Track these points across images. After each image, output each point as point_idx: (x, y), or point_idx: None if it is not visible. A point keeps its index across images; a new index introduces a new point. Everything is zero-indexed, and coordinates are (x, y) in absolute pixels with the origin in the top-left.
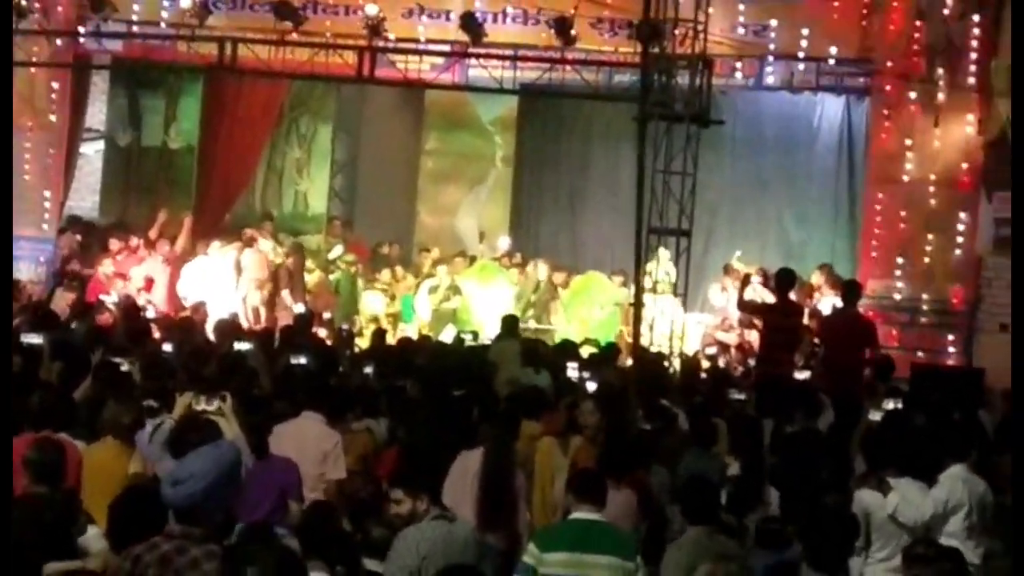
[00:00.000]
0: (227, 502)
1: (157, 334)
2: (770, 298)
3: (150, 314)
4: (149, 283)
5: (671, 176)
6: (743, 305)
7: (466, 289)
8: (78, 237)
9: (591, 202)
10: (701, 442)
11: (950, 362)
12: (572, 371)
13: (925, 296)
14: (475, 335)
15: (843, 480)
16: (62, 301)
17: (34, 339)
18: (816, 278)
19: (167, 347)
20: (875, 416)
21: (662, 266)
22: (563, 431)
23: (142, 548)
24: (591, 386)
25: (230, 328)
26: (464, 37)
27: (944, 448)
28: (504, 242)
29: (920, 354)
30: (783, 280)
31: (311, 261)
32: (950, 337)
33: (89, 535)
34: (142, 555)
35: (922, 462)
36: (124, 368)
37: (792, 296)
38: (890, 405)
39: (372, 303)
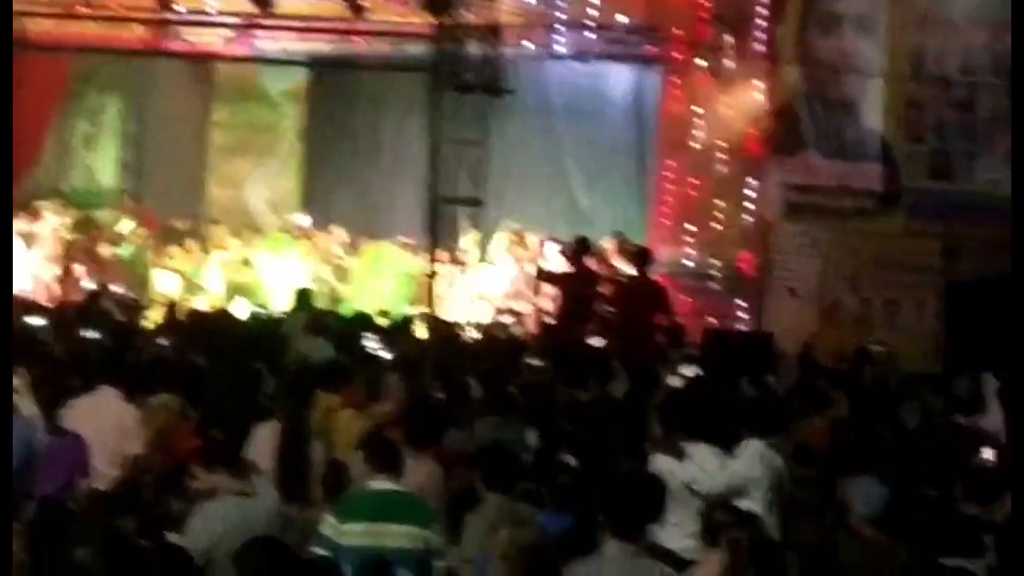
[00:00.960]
0: (22, 478)
1: None
2: (565, 267)
3: None
4: None
5: (463, 146)
6: (540, 274)
7: (257, 262)
8: None
9: (383, 173)
10: (498, 410)
11: (741, 328)
12: (369, 342)
13: (715, 262)
14: (266, 308)
15: (639, 446)
16: None
17: None
18: (608, 246)
19: None
20: (673, 382)
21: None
22: (362, 402)
23: None
24: (388, 357)
25: (21, 304)
26: (253, 9)
27: (741, 418)
28: (302, 219)
29: (711, 320)
30: (578, 249)
31: (101, 235)
32: (740, 303)
33: None
34: None
35: (719, 429)
36: None
37: (588, 264)
38: (688, 371)
39: (165, 283)
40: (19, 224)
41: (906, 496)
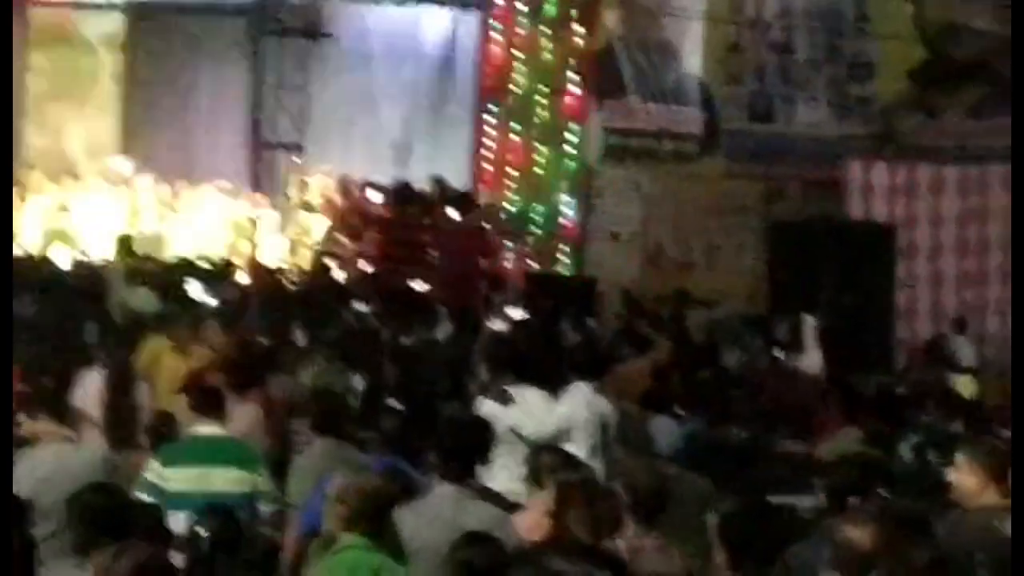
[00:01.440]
0: None
1: None
2: (387, 212)
3: None
4: None
5: (284, 91)
6: (361, 218)
7: (74, 208)
8: None
9: (204, 118)
10: (326, 355)
11: (562, 271)
12: (191, 288)
13: (537, 207)
14: (84, 254)
15: (464, 390)
16: None
17: None
18: (430, 191)
19: None
20: (497, 325)
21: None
22: (187, 346)
23: None
24: (210, 303)
25: None
26: None
27: (565, 361)
28: (123, 165)
29: (533, 264)
30: (400, 193)
31: None
32: (562, 247)
33: None
34: None
35: (544, 372)
36: None
37: (410, 209)
38: (513, 314)
39: None
40: None
41: (716, 434)
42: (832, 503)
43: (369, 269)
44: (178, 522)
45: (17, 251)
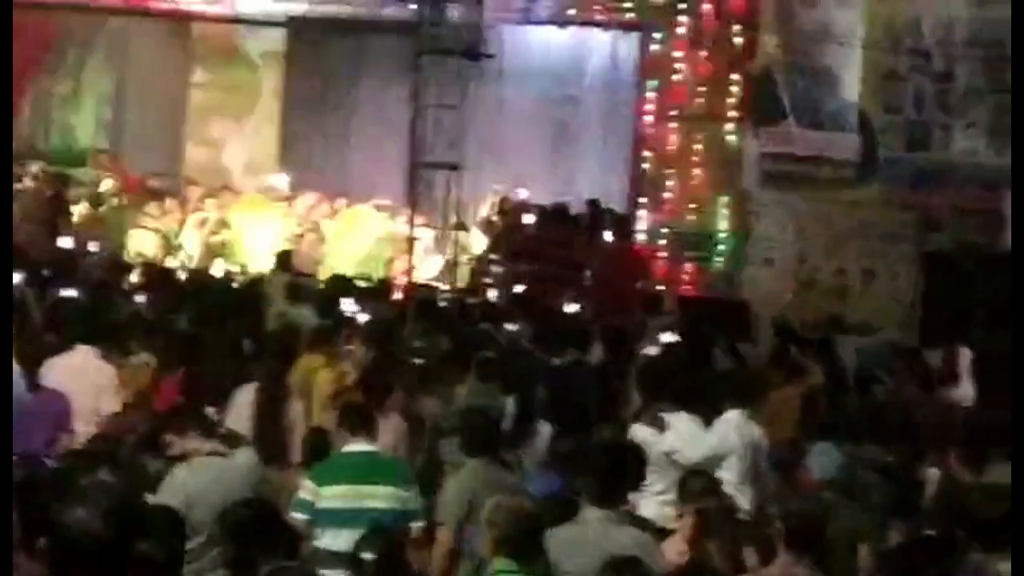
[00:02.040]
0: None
1: None
2: (543, 232)
3: None
4: None
5: (442, 110)
6: (517, 239)
7: (234, 223)
8: None
9: (362, 135)
10: (480, 375)
11: (717, 295)
12: (346, 305)
13: (693, 230)
14: (243, 269)
15: (615, 413)
16: None
17: None
18: (587, 212)
19: None
20: (651, 350)
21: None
22: (337, 364)
23: None
24: (363, 320)
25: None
26: None
27: (718, 388)
28: (282, 181)
29: (687, 287)
30: (556, 214)
31: (80, 193)
32: (717, 270)
33: None
34: None
35: (696, 398)
36: None
37: (565, 230)
38: (666, 339)
39: (141, 242)
40: None
41: (872, 464)
42: (983, 539)
43: (524, 289)
44: (330, 539)
45: (178, 265)
